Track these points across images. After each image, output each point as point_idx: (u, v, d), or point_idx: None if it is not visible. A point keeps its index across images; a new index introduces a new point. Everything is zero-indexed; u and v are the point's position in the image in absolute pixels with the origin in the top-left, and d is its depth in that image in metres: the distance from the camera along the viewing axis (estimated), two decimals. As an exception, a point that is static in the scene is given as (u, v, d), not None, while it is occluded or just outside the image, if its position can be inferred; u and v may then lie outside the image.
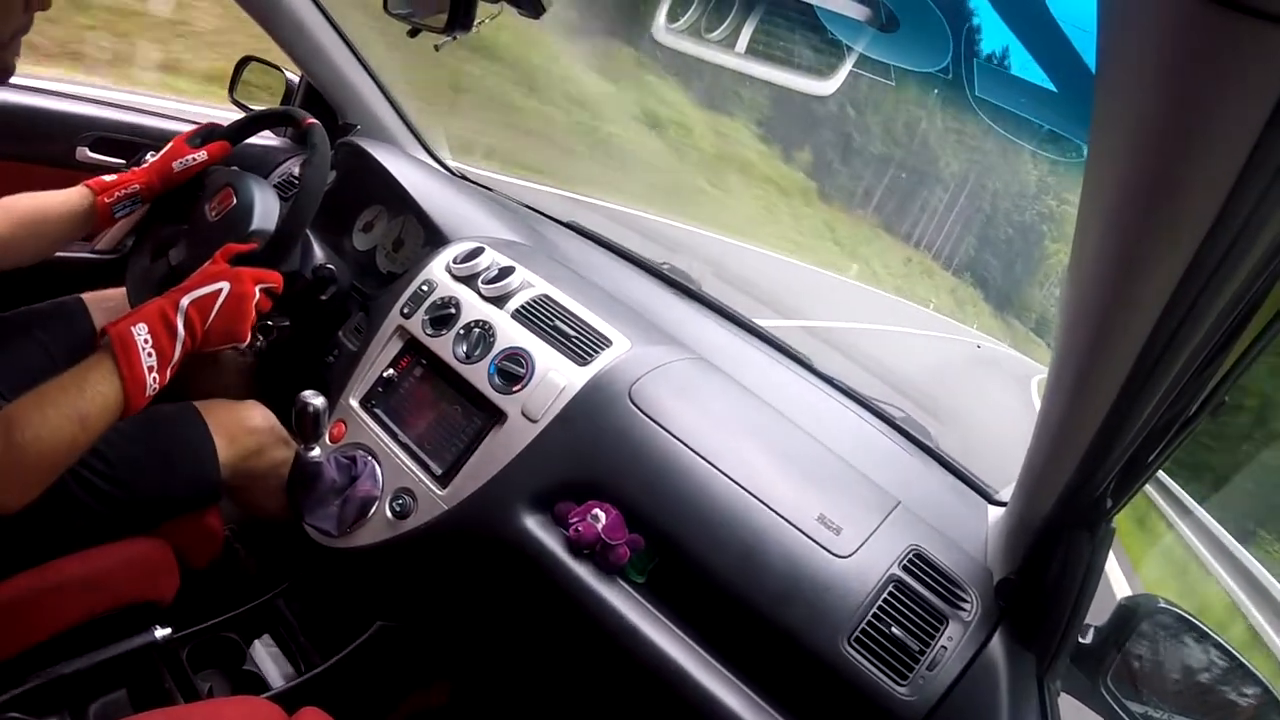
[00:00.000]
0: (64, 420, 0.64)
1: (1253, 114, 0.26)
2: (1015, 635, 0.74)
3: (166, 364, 0.71)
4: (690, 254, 5.47)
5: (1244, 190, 0.30)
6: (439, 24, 1.00)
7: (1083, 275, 0.42)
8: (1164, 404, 0.50)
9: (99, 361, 0.67)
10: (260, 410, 0.97)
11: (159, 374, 0.70)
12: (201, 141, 0.97)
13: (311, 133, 0.91)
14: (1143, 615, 0.71)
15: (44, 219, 0.86)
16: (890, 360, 5.60)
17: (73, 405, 0.64)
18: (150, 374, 0.69)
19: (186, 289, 0.74)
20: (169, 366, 0.71)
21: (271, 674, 0.95)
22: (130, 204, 0.91)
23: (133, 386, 0.67)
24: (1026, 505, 0.72)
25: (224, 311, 0.75)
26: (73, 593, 0.82)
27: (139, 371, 0.68)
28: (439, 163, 1.41)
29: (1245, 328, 0.44)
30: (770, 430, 0.91)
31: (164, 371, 0.70)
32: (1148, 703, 0.70)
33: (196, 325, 0.73)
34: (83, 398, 0.65)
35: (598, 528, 0.80)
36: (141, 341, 0.69)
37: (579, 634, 0.79)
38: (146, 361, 0.68)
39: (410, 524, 0.87)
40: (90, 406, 0.65)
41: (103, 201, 0.88)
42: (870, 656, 0.71)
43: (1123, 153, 0.32)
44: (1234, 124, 0.27)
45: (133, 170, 0.93)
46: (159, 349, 0.70)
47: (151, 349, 0.69)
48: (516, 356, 0.90)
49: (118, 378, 0.67)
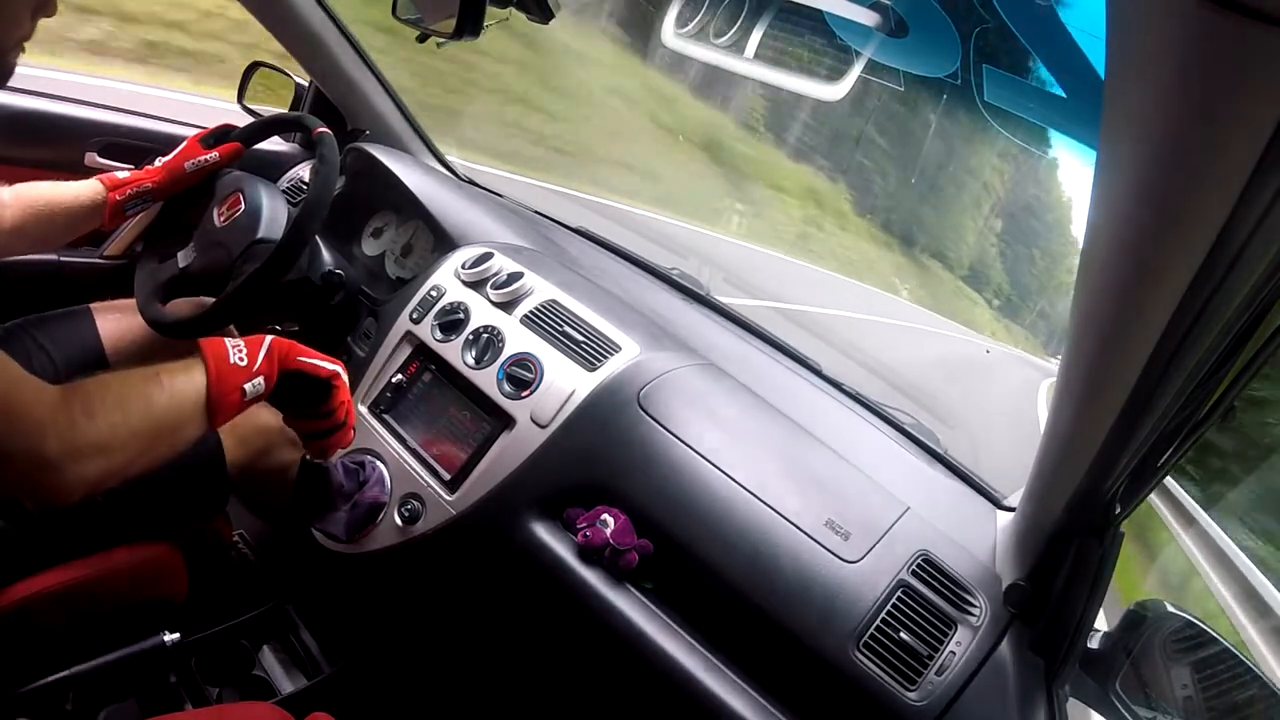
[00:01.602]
0: (145, 411, 0.58)
1: (1262, 119, 0.26)
2: (1024, 641, 0.74)
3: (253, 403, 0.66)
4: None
5: (1253, 195, 0.30)
6: (448, 29, 1.00)
7: (1092, 280, 0.42)
8: (1173, 409, 0.50)
9: (188, 364, 0.62)
10: (269, 410, 0.97)
11: (248, 402, 0.65)
12: (215, 142, 0.97)
13: (321, 142, 0.91)
14: (1152, 621, 0.71)
15: (55, 208, 0.86)
16: (887, 355, 5.62)
17: (156, 399, 0.58)
18: (243, 398, 0.64)
19: (302, 351, 0.70)
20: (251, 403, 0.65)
21: (280, 679, 0.95)
22: (141, 202, 0.90)
23: (218, 381, 0.61)
24: (1035, 510, 0.72)
25: (323, 430, 0.75)
26: (81, 596, 0.82)
27: (227, 366, 0.62)
28: (447, 168, 1.42)
29: (1255, 332, 0.44)
30: (779, 436, 0.91)
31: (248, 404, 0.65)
32: (1157, 709, 0.70)
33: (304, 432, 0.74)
34: (164, 393, 0.59)
35: (606, 533, 0.80)
36: (231, 346, 0.64)
37: (587, 639, 0.79)
38: (235, 359, 0.63)
39: (419, 529, 0.87)
40: (176, 402, 0.59)
41: (114, 198, 0.88)
42: (879, 661, 0.71)
43: (1132, 158, 0.32)
44: (1243, 129, 0.27)
45: (145, 169, 0.93)
46: (251, 355, 0.65)
47: (244, 355, 0.64)
48: (525, 362, 0.91)
49: (203, 372, 0.61)
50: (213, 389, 0.62)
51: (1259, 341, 0.45)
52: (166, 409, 0.59)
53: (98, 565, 0.83)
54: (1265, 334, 0.44)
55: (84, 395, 0.55)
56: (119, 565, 0.85)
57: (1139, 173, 0.33)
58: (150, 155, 1.24)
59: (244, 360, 0.64)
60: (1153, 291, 0.38)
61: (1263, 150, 0.27)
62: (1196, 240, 0.33)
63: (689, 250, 5.36)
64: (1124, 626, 0.72)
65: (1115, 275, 0.39)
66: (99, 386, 0.57)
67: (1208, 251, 0.34)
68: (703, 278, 1.34)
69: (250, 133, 1.00)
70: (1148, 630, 0.71)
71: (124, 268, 1.23)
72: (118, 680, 0.88)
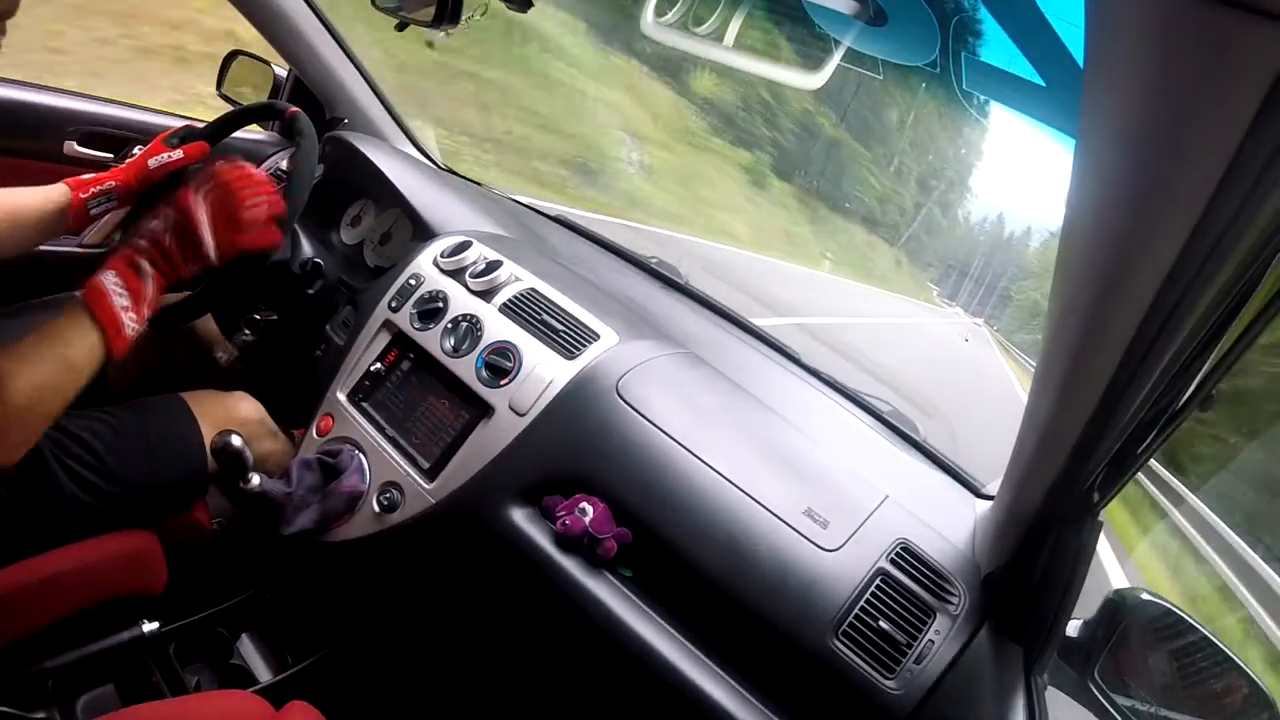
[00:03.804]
0: (51, 370, 0.66)
1: (1241, 107, 0.26)
2: (1003, 629, 0.74)
3: (141, 301, 0.72)
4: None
5: (1232, 183, 0.30)
6: (427, 18, 0.99)
7: (1070, 269, 0.42)
8: (1152, 397, 0.50)
9: (73, 310, 0.69)
10: (248, 401, 0.97)
11: (134, 312, 0.71)
12: (179, 142, 0.97)
13: (296, 121, 0.90)
14: (1130, 609, 0.71)
15: (21, 214, 0.86)
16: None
17: (57, 354, 0.66)
18: (125, 313, 0.70)
19: (142, 230, 0.77)
20: (145, 303, 0.73)
21: (259, 668, 0.95)
22: (105, 200, 0.91)
23: (109, 325, 0.69)
24: (1014, 499, 0.72)
25: (175, 231, 0.77)
26: (61, 586, 0.82)
27: (113, 312, 0.69)
28: (426, 157, 1.41)
29: (1234, 320, 0.44)
30: (757, 424, 0.91)
31: (140, 308, 0.72)
32: (1135, 697, 0.69)
33: (158, 256, 0.75)
34: (64, 344, 0.67)
35: (585, 521, 0.80)
36: (111, 285, 0.71)
37: (566, 627, 0.79)
38: (119, 302, 0.70)
39: (397, 517, 0.87)
40: (72, 351, 0.67)
41: (78, 197, 0.88)
42: (858, 650, 0.71)
43: (1111, 146, 0.32)
44: (1223, 117, 0.27)
45: (111, 170, 0.93)
46: (130, 288, 0.72)
47: (122, 289, 0.71)
48: (504, 350, 0.90)
49: (92, 321, 0.69)
50: (104, 327, 0.69)
51: (1239, 329, 0.45)
52: (70, 360, 0.67)
53: (78, 556, 0.82)
54: (1245, 321, 0.44)
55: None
56: (99, 556, 0.84)
57: (1118, 162, 0.33)
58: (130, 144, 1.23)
59: (124, 298, 0.71)
60: (1131, 280, 0.38)
61: (1241, 139, 0.27)
62: (1175, 228, 0.33)
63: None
64: (1103, 614, 0.72)
65: (1094, 264, 0.39)
66: (4, 364, 0.63)
67: (1186, 239, 0.34)
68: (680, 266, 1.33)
69: (215, 129, 1.00)
70: (1126, 618, 0.71)
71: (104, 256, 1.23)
72: (97, 669, 0.87)
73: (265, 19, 1.20)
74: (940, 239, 19.71)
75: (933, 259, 20.50)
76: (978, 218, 27.97)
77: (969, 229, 27.10)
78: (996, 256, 27.64)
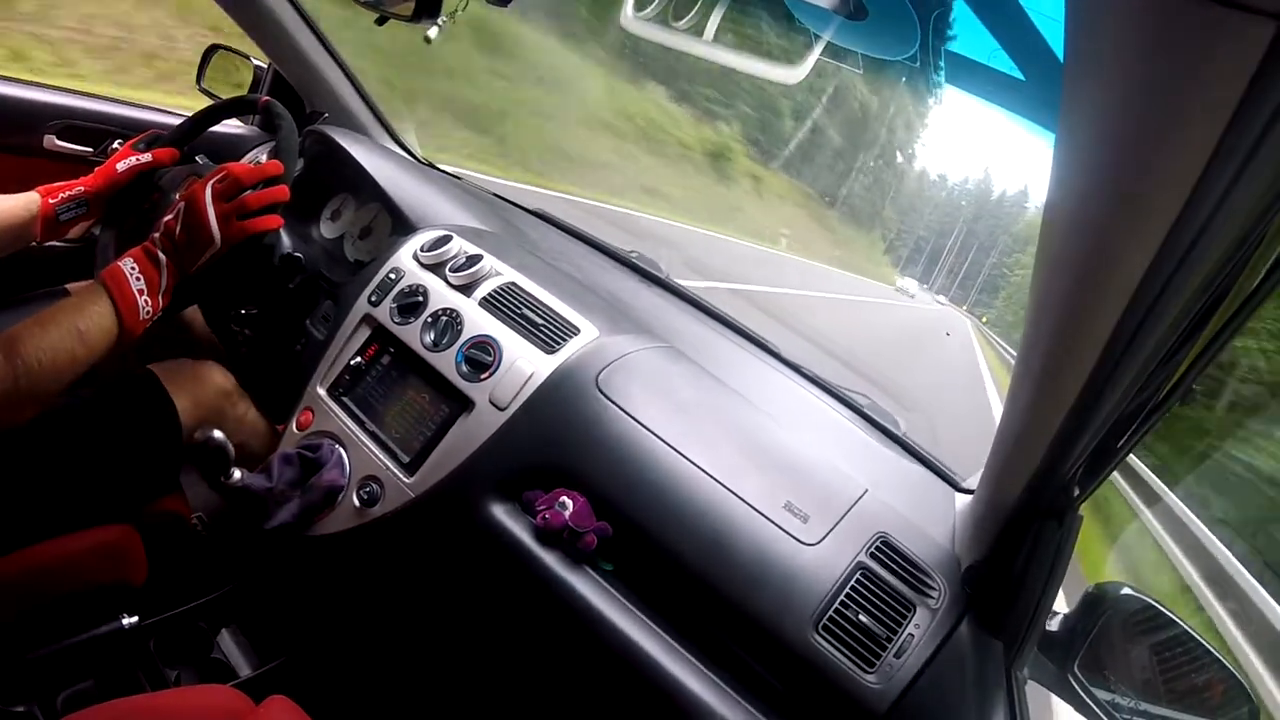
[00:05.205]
0: (64, 336, 0.70)
1: (1220, 102, 0.26)
2: (983, 623, 0.74)
3: (156, 289, 0.78)
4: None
5: (1211, 178, 0.30)
6: (406, 12, 0.98)
7: (1050, 262, 0.42)
8: (1132, 390, 0.50)
9: (93, 289, 0.75)
10: (219, 370, 0.97)
11: (150, 298, 0.77)
12: (146, 147, 0.98)
13: (270, 109, 0.89)
14: (1110, 603, 0.70)
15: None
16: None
17: (71, 323, 0.71)
18: (141, 296, 0.76)
19: (157, 224, 0.81)
20: (159, 292, 0.78)
21: (239, 662, 0.94)
22: (75, 206, 0.93)
23: (124, 305, 0.75)
24: (994, 493, 0.71)
25: (185, 224, 0.81)
26: (40, 579, 0.82)
27: (129, 292, 0.76)
28: (407, 151, 1.40)
29: (1213, 314, 0.44)
30: (737, 418, 0.90)
31: (155, 296, 0.78)
32: (1115, 690, 0.69)
33: (171, 247, 0.80)
34: (81, 316, 0.72)
35: (565, 515, 0.80)
36: (129, 269, 0.77)
37: (547, 621, 0.79)
38: (135, 285, 0.76)
39: (377, 512, 0.86)
40: (88, 324, 0.72)
41: (47, 203, 0.90)
42: (838, 644, 0.71)
43: (1091, 140, 0.32)
44: (1202, 112, 0.27)
45: (81, 177, 0.95)
46: (146, 275, 0.77)
47: (139, 274, 0.77)
48: (484, 344, 0.89)
49: (110, 300, 0.74)
50: (119, 306, 0.75)
51: (1219, 323, 0.45)
52: (85, 331, 0.72)
53: (57, 549, 0.82)
54: (1225, 316, 0.44)
55: (8, 341, 0.67)
56: (78, 549, 0.84)
57: (1097, 156, 0.33)
58: (110, 138, 1.22)
59: (140, 282, 0.77)
60: (1111, 273, 0.38)
61: (1221, 133, 0.28)
62: (1155, 222, 0.33)
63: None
64: (1083, 609, 0.72)
65: (1073, 257, 0.39)
66: (22, 330, 0.69)
67: (1166, 233, 0.34)
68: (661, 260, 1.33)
69: (183, 132, 1.00)
70: (1106, 612, 0.70)
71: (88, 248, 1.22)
72: (77, 664, 0.87)
73: (244, 11, 1.19)
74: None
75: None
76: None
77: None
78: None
